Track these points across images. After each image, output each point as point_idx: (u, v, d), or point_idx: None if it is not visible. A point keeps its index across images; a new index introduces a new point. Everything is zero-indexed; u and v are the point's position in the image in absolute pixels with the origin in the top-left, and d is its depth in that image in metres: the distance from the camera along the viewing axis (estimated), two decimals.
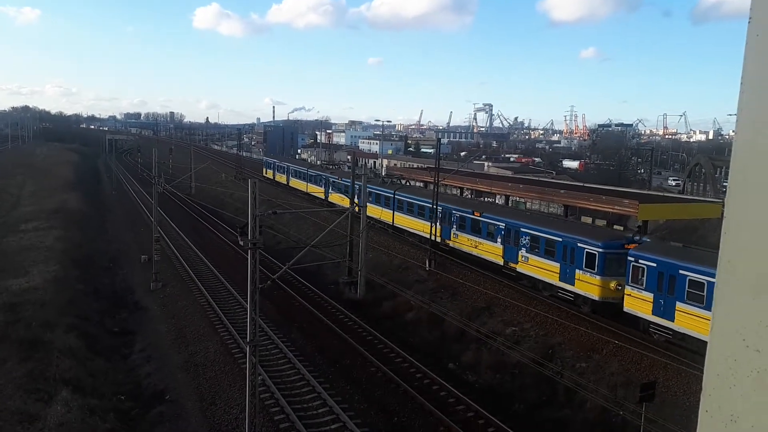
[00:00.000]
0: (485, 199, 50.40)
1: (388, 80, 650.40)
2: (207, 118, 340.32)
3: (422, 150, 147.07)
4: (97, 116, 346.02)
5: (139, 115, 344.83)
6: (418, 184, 53.37)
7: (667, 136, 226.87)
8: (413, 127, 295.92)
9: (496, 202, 49.68)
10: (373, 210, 44.59)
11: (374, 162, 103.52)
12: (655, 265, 23.47)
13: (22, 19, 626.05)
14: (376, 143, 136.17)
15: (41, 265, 35.57)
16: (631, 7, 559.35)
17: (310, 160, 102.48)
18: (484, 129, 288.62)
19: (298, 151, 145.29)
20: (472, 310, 29.34)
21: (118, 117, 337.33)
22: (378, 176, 60.81)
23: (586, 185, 50.27)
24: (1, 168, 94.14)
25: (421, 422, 20.05)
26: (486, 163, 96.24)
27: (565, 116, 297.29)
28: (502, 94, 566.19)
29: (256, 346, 17.19)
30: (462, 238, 36.11)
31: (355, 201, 35.59)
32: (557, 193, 42.92)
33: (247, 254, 17.52)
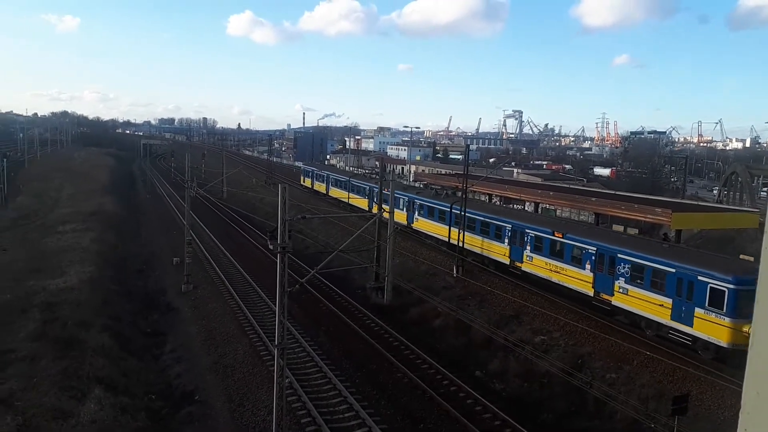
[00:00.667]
0: (520, 206, 49.05)
1: (418, 87, 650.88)
2: (239, 124, 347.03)
3: (450, 156, 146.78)
4: (133, 121, 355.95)
5: (173, 120, 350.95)
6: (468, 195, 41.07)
7: (701, 144, 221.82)
8: (442, 133, 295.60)
9: (525, 209, 49.17)
10: (424, 224, 43.17)
11: (402, 168, 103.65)
12: None
13: (63, 27, 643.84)
14: (404, 149, 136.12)
15: (77, 266, 36.59)
16: (666, 13, 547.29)
17: (339, 166, 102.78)
18: (513, 135, 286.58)
19: (327, 157, 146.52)
20: (500, 317, 29.10)
21: (153, 122, 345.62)
22: (428, 187, 57.09)
23: (617, 193, 49.50)
24: (42, 171, 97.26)
25: (447, 430, 19.92)
26: (515, 170, 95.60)
27: (597, 123, 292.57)
28: (532, 100, 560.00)
29: (284, 349, 17.36)
30: (538, 261, 31.95)
31: (384, 207, 35.56)
32: (588, 200, 42.39)
33: (276, 258, 17.73)
